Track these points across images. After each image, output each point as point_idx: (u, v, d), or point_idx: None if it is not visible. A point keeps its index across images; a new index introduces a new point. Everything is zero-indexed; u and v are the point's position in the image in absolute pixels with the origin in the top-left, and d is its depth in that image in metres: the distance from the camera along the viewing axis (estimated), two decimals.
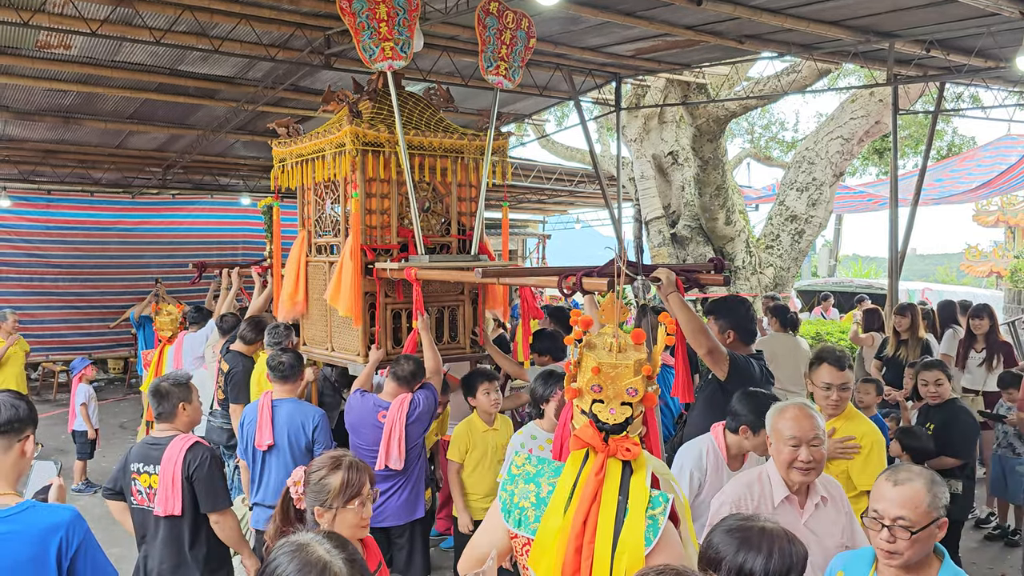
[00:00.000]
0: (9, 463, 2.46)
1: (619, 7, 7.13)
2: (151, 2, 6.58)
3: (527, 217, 23.09)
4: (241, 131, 11.18)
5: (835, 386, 3.77)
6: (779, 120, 24.10)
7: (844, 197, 16.14)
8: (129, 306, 13.71)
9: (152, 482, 3.70)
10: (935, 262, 35.26)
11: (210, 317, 7.36)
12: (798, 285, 16.59)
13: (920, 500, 2.25)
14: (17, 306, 10.73)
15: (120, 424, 10.45)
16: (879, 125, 12.67)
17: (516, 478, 2.28)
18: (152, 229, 14.58)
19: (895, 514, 2.25)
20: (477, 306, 5.44)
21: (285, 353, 4.70)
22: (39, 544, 2.34)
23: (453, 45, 8.09)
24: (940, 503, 2.28)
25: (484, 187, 5.23)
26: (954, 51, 8.40)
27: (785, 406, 2.91)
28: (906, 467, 2.39)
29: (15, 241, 13.43)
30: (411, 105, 5.22)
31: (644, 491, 2.17)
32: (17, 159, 12.27)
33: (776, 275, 13.24)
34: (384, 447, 4.35)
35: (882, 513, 2.28)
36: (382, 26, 4.64)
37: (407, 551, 4.59)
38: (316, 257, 5.44)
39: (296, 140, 5.37)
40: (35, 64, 8.09)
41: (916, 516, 2.24)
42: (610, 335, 2.21)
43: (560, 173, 16.26)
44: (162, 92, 9.25)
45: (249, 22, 7.00)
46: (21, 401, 2.54)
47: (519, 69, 5.27)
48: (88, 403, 7.99)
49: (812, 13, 7.32)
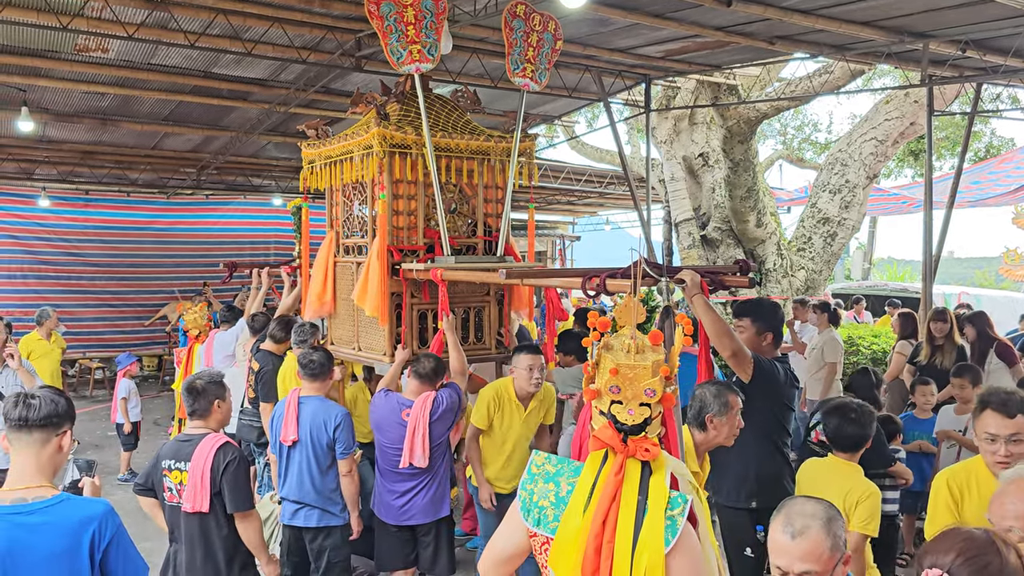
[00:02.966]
0: (46, 457, 2.52)
1: (648, 9, 7.11)
2: (186, 6, 6.70)
3: (557, 219, 23.09)
4: (273, 132, 11.33)
5: (1002, 438, 3.06)
6: (812, 121, 23.84)
7: (878, 199, 15.91)
8: (164, 304, 14.00)
9: (182, 479, 3.77)
10: (973, 266, 34.64)
11: (241, 316, 7.48)
12: (831, 288, 16.38)
13: (822, 550, 2.09)
14: (55, 304, 10.98)
15: (154, 421, 10.64)
16: (914, 127, 12.48)
17: (536, 477, 2.30)
18: (186, 229, 14.85)
19: (800, 569, 2.10)
20: (503, 307, 5.47)
21: (316, 352, 4.76)
22: (73, 536, 2.41)
23: (482, 47, 8.13)
24: (840, 541, 2.15)
25: (510, 189, 5.26)
26: (990, 51, 8.26)
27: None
28: (799, 509, 2.16)
29: (54, 240, 13.75)
30: (438, 107, 5.27)
31: (663, 491, 2.17)
32: (56, 160, 12.56)
33: (808, 278, 13.09)
34: (408, 445, 4.39)
35: (786, 568, 2.14)
36: (410, 29, 4.68)
37: (433, 549, 4.62)
38: (344, 257, 5.51)
39: (325, 142, 5.44)
40: (74, 67, 8.28)
41: (821, 566, 2.09)
42: (628, 336, 2.22)
43: (590, 175, 16.25)
44: (196, 94, 9.41)
45: (281, 25, 7.10)
46: (60, 397, 2.61)
47: (546, 71, 5.29)
48: (129, 398, 8.23)
49: (844, 14, 7.25)
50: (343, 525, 4.58)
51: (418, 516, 4.55)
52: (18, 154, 12.18)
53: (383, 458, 4.59)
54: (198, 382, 3.87)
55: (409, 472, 4.48)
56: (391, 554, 4.66)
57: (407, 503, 4.53)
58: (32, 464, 2.48)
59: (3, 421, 2.53)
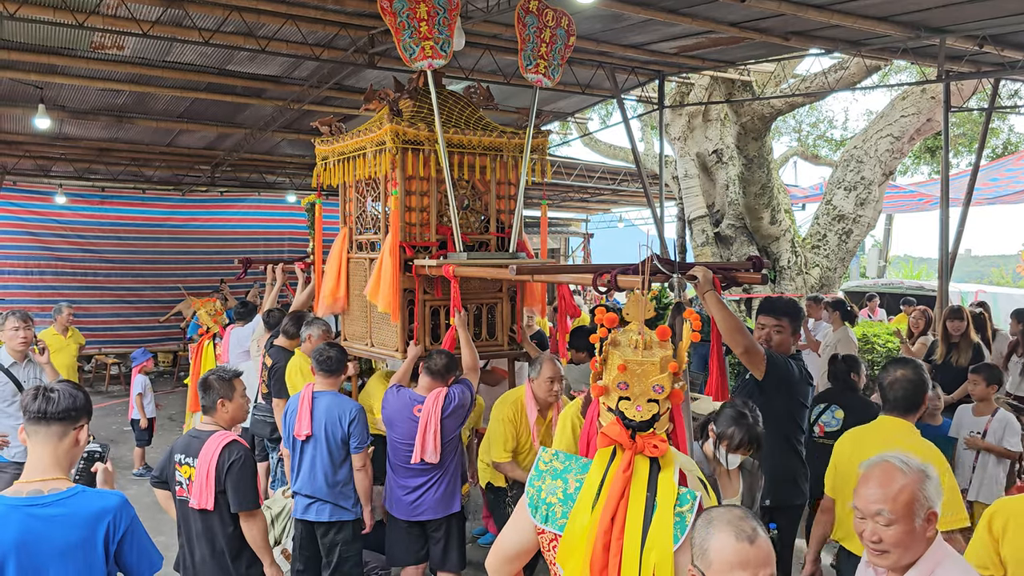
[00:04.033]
0: (63, 450, 2.56)
1: (662, 4, 7.09)
2: (200, 3, 6.73)
3: (571, 216, 23.07)
4: (287, 129, 11.38)
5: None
6: (827, 118, 23.60)
7: (894, 196, 15.78)
8: (180, 300, 14.10)
9: (191, 474, 3.79)
10: (990, 264, 34.34)
11: (255, 311, 7.52)
12: (846, 286, 16.28)
13: (772, 553, 2.00)
14: (72, 300, 11.08)
15: (169, 416, 10.72)
16: (931, 123, 12.38)
17: (543, 474, 2.31)
18: (201, 226, 14.94)
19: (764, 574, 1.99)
20: (515, 303, 5.47)
21: (332, 348, 4.77)
22: (88, 528, 2.44)
23: (495, 44, 8.13)
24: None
25: (523, 185, 5.26)
26: (1008, 47, 8.18)
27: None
28: (740, 516, 2.02)
29: (70, 237, 13.87)
30: (451, 103, 5.27)
31: (672, 488, 2.17)
32: (73, 157, 12.67)
33: (822, 275, 13.02)
34: (420, 440, 4.40)
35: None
36: (422, 25, 4.69)
37: (443, 545, 4.64)
38: (357, 254, 5.53)
39: (338, 138, 5.45)
40: (90, 64, 8.34)
41: (773, 567, 2.01)
42: (636, 332, 2.22)
43: (603, 171, 16.23)
44: (211, 91, 9.46)
45: (295, 22, 7.12)
46: (79, 391, 2.64)
47: (559, 67, 5.28)
48: (144, 393, 8.30)
49: (859, 9, 7.19)
50: (355, 520, 4.60)
51: (429, 512, 4.57)
52: (35, 151, 12.29)
53: (395, 453, 4.61)
54: (210, 378, 3.88)
55: (420, 468, 4.50)
56: (402, 549, 4.68)
57: (418, 498, 4.55)
58: (49, 456, 2.52)
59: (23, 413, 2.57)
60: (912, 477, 2.36)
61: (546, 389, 4.72)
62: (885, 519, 2.34)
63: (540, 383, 4.74)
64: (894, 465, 2.40)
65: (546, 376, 4.70)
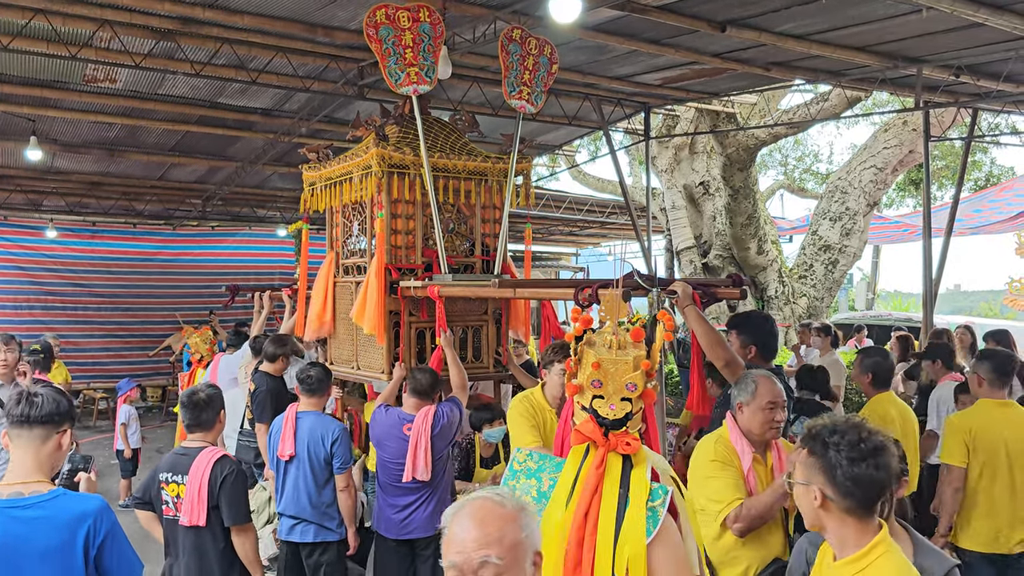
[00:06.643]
0: (45, 454, 2.58)
1: (645, 35, 7.25)
2: (192, 36, 6.85)
3: (560, 250, 23.17)
4: (278, 163, 11.48)
5: None
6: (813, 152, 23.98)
7: (880, 227, 15.97)
8: (169, 335, 14.06)
9: (180, 492, 3.79)
10: (980, 299, 34.54)
11: (247, 339, 7.52)
12: (835, 318, 16.37)
13: None
14: (61, 334, 11.04)
15: (157, 449, 10.63)
16: (913, 154, 12.58)
17: (517, 474, 2.34)
18: (192, 260, 14.99)
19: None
20: (501, 326, 5.51)
21: (315, 367, 4.81)
22: (67, 531, 2.45)
23: (482, 76, 8.27)
24: None
25: (507, 208, 5.33)
26: (984, 76, 8.38)
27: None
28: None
29: (61, 271, 13.88)
30: (436, 129, 5.37)
31: (644, 484, 2.21)
32: (64, 191, 12.73)
33: (810, 305, 13.11)
34: (411, 459, 4.41)
35: None
36: (407, 52, 4.80)
37: (432, 563, 4.61)
38: (343, 278, 5.58)
39: (325, 164, 5.54)
40: (82, 97, 8.44)
41: None
42: (610, 332, 2.27)
43: (591, 204, 16.36)
44: (202, 124, 9.58)
45: (285, 55, 7.25)
46: (63, 397, 2.67)
47: (542, 94, 5.40)
48: (129, 423, 8.24)
49: (837, 39, 7.37)
50: (339, 540, 4.60)
51: (419, 530, 4.56)
52: (26, 185, 12.36)
53: (384, 473, 4.61)
54: (201, 394, 3.90)
55: (411, 486, 4.49)
56: (389, 570, 4.66)
57: (408, 516, 4.54)
58: (31, 460, 2.54)
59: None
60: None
61: (559, 384, 3.68)
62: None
63: (553, 380, 3.84)
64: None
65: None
